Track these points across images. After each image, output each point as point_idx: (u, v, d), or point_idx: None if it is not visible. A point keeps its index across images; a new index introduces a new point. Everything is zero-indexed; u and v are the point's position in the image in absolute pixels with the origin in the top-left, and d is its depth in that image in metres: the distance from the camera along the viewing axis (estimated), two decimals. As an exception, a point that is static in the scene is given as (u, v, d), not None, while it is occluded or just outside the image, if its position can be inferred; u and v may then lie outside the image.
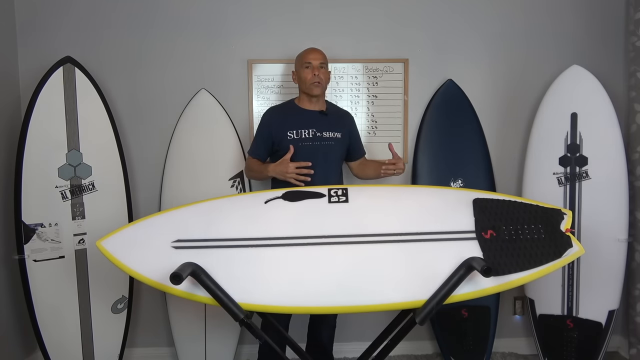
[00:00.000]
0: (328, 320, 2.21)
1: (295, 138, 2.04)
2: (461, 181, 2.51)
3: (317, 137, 2.05)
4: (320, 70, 2.07)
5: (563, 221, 1.64)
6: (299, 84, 2.13)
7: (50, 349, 2.20)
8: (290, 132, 2.05)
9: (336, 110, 2.23)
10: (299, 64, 2.12)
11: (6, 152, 2.33)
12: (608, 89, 2.36)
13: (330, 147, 2.07)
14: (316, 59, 2.08)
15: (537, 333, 2.46)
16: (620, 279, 2.35)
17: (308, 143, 2.04)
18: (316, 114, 2.10)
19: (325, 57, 2.12)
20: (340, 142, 2.11)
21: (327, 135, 2.07)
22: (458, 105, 2.53)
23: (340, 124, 2.15)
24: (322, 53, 2.11)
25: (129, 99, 2.51)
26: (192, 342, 2.44)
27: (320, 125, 2.07)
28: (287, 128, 2.06)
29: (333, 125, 2.11)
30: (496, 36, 2.58)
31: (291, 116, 2.10)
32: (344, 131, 2.14)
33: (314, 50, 2.12)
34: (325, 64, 2.11)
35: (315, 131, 2.06)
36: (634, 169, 2.46)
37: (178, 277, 1.43)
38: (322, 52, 2.12)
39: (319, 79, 2.05)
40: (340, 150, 2.13)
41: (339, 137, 2.11)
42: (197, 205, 1.73)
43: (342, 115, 2.22)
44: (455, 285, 1.52)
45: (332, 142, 2.08)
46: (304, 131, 2.05)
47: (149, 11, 2.50)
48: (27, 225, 2.15)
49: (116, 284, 2.33)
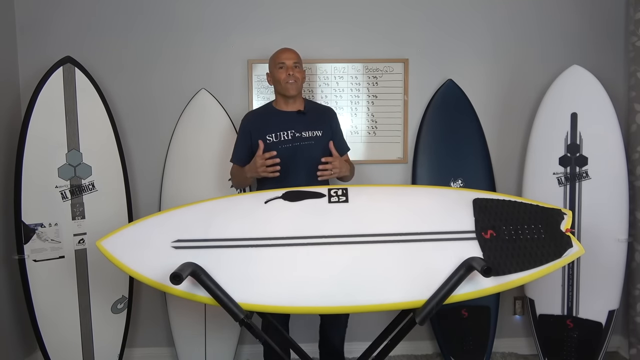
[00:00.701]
0: (339, 321, 2.18)
1: (274, 141, 2.01)
2: (461, 181, 2.51)
3: (297, 137, 2.02)
4: (295, 70, 2.04)
5: (563, 221, 1.63)
6: (274, 85, 2.10)
7: (50, 349, 2.20)
8: (269, 135, 2.02)
9: (315, 108, 2.17)
10: (273, 65, 2.09)
11: (6, 152, 2.33)
12: (608, 89, 2.36)
13: (310, 147, 2.03)
14: (289, 58, 2.05)
15: (537, 333, 2.46)
16: (620, 279, 2.35)
17: (288, 145, 2.01)
18: (294, 114, 2.07)
19: (298, 56, 2.08)
20: (320, 141, 2.05)
21: (306, 135, 2.04)
22: (458, 105, 2.53)
23: (319, 122, 2.10)
24: (295, 52, 2.08)
25: (129, 99, 2.51)
26: (192, 342, 2.44)
27: (299, 126, 2.04)
28: (266, 132, 2.03)
29: (312, 124, 2.06)
30: (496, 36, 2.58)
31: (268, 119, 2.08)
32: (324, 128, 2.09)
33: (286, 50, 2.09)
34: (299, 63, 2.08)
35: (294, 132, 2.03)
36: (634, 169, 2.46)
37: (178, 277, 1.43)
38: (295, 51, 2.09)
39: (294, 78, 2.03)
40: (322, 149, 2.04)
41: (320, 135, 2.06)
42: (197, 205, 1.73)
43: (321, 113, 2.16)
44: (455, 285, 1.52)
45: (312, 141, 2.04)
46: (283, 133, 2.03)
47: (149, 11, 2.50)
48: (27, 225, 2.15)
49: (116, 284, 2.33)
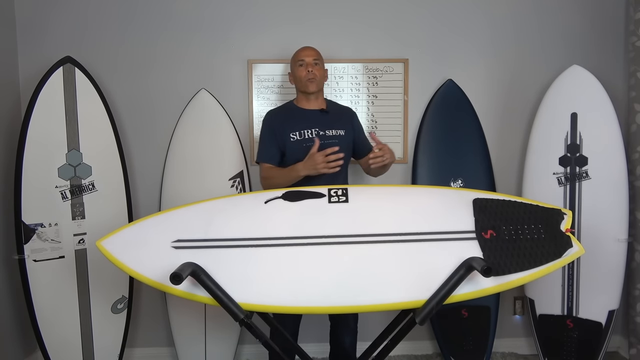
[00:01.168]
0: (348, 326, 2.17)
1: (298, 139, 2.01)
2: (461, 181, 2.50)
3: (320, 136, 2.01)
4: (314, 67, 2.04)
5: (563, 221, 1.63)
6: (295, 83, 2.11)
7: (50, 349, 2.20)
8: (292, 134, 2.01)
9: (337, 107, 2.20)
10: (293, 63, 2.10)
11: (6, 152, 2.33)
12: (608, 89, 2.36)
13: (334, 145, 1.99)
14: (309, 55, 2.06)
15: (537, 333, 2.46)
16: (620, 279, 2.35)
17: (312, 143, 1.98)
18: (317, 112, 2.08)
19: (318, 54, 2.09)
20: (344, 140, 2.07)
21: (330, 134, 2.04)
22: (458, 105, 2.53)
23: (342, 121, 2.11)
24: (315, 50, 2.09)
25: (129, 99, 2.51)
26: (192, 342, 2.44)
27: (323, 124, 2.05)
28: (289, 130, 2.02)
29: (335, 123, 2.08)
30: (496, 36, 2.58)
31: (292, 117, 2.07)
32: (347, 128, 2.10)
33: (306, 48, 2.10)
34: (320, 61, 2.08)
35: (318, 130, 2.03)
36: (634, 169, 2.46)
37: (178, 277, 1.43)
38: (316, 49, 2.10)
39: (312, 75, 2.03)
40: (345, 148, 2.04)
41: (342, 134, 2.07)
42: (197, 205, 1.73)
43: (343, 112, 2.18)
44: (455, 285, 1.52)
45: (336, 140, 2.04)
46: (307, 131, 2.02)
47: (149, 11, 2.50)
48: (27, 225, 2.15)
49: (116, 284, 2.33)
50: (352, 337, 2.18)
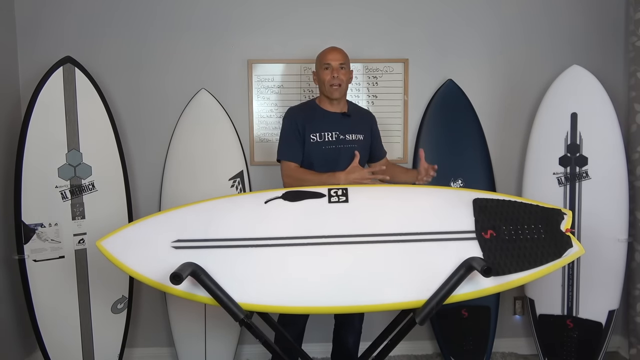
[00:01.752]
0: (353, 325, 2.16)
1: (318, 141, 1.99)
2: (461, 181, 2.51)
3: (340, 139, 2.00)
4: (340, 72, 1.98)
5: (563, 221, 1.63)
6: (319, 85, 2.05)
7: (50, 349, 2.20)
8: (313, 134, 1.99)
9: (358, 111, 2.16)
10: (319, 65, 2.04)
11: (6, 152, 2.33)
12: (608, 89, 2.36)
13: (353, 150, 1.96)
14: (335, 59, 1.99)
15: (537, 333, 2.46)
16: (620, 279, 2.35)
17: (331, 146, 1.99)
18: (338, 116, 2.04)
19: (346, 56, 2.03)
20: (362, 144, 2.05)
21: (350, 138, 2.02)
22: (458, 105, 2.53)
23: (362, 125, 2.09)
24: (342, 53, 2.03)
25: (129, 99, 2.51)
26: (192, 342, 2.44)
27: (343, 128, 2.02)
28: (310, 131, 1.99)
29: (356, 127, 2.05)
30: (496, 36, 2.58)
31: (313, 118, 2.02)
32: (366, 133, 2.08)
33: (333, 49, 2.03)
34: (346, 64, 2.02)
35: (339, 134, 2.00)
36: (634, 169, 2.46)
37: (178, 277, 1.43)
38: (343, 51, 2.04)
39: (338, 81, 1.98)
40: (363, 152, 2.03)
41: (362, 139, 2.05)
42: (197, 205, 1.73)
43: (363, 116, 2.15)
44: (455, 285, 1.52)
45: (355, 144, 2.01)
46: (327, 134, 1.99)
47: (149, 11, 2.50)
48: (27, 225, 2.15)
49: (116, 284, 2.33)
50: (356, 337, 2.19)
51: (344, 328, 2.18)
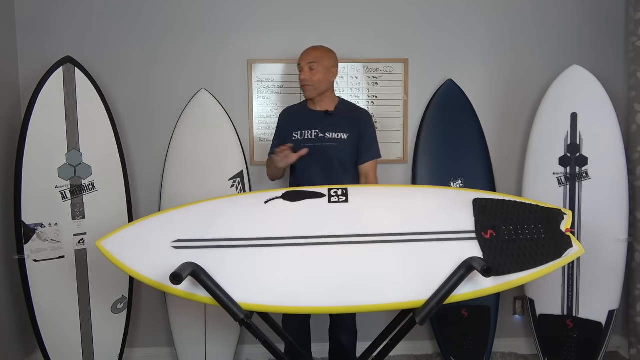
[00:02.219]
0: (343, 323, 2.16)
1: (299, 139, 2.04)
2: (461, 181, 2.50)
3: (319, 137, 2.02)
4: (309, 72, 2.01)
5: (563, 221, 1.63)
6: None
7: (50, 349, 2.20)
8: (295, 132, 2.05)
9: (348, 110, 2.12)
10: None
11: (6, 152, 2.33)
12: (608, 89, 2.36)
13: (332, 149, 2.02)
14: (304, 60, 2.03)
15: (537, 333, 2.46)
16: (620, 279, 2.35)
17: (310, 144, 2.02)
18: (321, 114, 2.07)
19: (317, 54, 2.03)
20: (345, 143, 2.03)
21: (329, 136, 2.03)
22: (458, 105, 2.53)
23: (347, 124, 2.05)
24: (314, 51, 2.04)
25: (129, 99, 2.51)
26: (192, 342, 2.44)
27: (324, 126, 2.04)
28: (293, 129, 2.06)
29: (338, 126, 2.04)
30: (496, 36, 2.58)
31: (297, 117, 2.10)
32: (351, 132, 2.04)
33: (306, 50, 2.06)
34: (318, 63, 2.01)
35: (318, 132, 2.03)
36: (634, 169, 2.46)
37: (178, 277, 1.43)
38: (318, 49, 2.05)
39: (307, 82, 2.01)
40: (344, 152, 2.03)
41: (345, 138, 2.03)
42: (197, 205, 1.73)
43: (352, 115, 2.09)
44: (455, 285, 1.52)
45: (335, 143, 2.02)
46: (307, 132, 2.04)
47: (149, 11, 2.50)
48: (27, 225, 2.15)
49: (116, 284, 2.33)
50: (349, 336, 2.19)
51: (336, 327, 2.19)
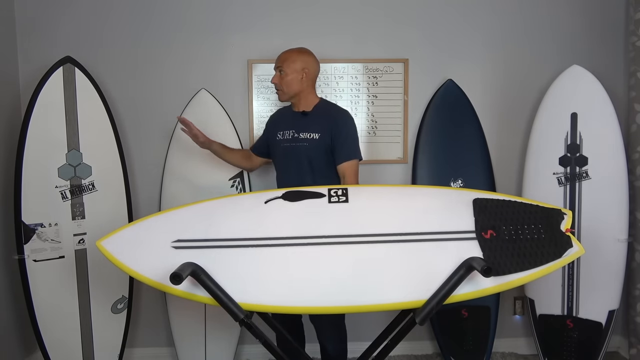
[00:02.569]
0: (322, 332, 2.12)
1: (280, 139, 2.09)
2: (461, 181, 2.50)
3: (294, 138, 2.04)
4: (278, 76, 2.04)
5: (563, 221, 1.63)
6: None
7: (50, 349, 2.20)
8: (279, 133, 2.10)
9: (324, 110, 2.07)
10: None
11: (6, 152, 2.33)
12: (608, 89, 2.36)
13: (304, 148, 2.00)
14: (275, 65, 2.07)
15: (537, 333, 2.46)
16: (620, 279, 2.35)
17: (286, 144, 2.06)
18: (298, 115, 2.08)
19: (285, 57, 2.03)
20: (315, 143, 1.99)
21: (302, 137, 2.02)
22: (458, 105, 2.53)
23: (319, 124, 2.01)
24: (282, 54, 2.05)
25: (129, 99, 2.51)
26: (192, 342, 2.44)
27: (299, 126, 2.04)
28: (278, 129, 2.12)
29: (311, 126, 2.02)
30: (496, 36, 2.58)
31: (282, 118, 2.16)
32: (322, 132, 1.99)
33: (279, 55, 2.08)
34: (284, 66, 2.01)
35: (294, 132, 2.05)
36: (634, 169, 2.46)
37: (178, 277, 1.43)
38: (287, 52, 2.05)
39: (276, 87, 2.07)
40: (315, 152, 2.00)
41: (316, 137, 1.99)
42: (197, 205, 1.73)
43: (326, 115, 2.04)
44: (455, 285, 1.52)
45: (306, 143, 2.00)
46: (287, 132, 2.07)
47: (149, 11, 2.50)
48: (27, 225, 2.15)
49: (116, 284, 2.33)
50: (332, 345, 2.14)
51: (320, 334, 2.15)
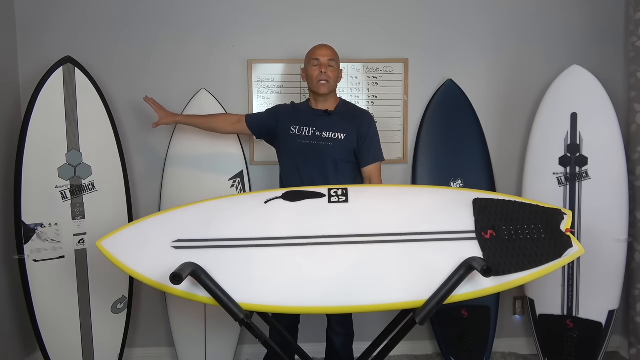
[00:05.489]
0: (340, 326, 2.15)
1: (296, 134, 2.04)
2: (461, 181, 2.51)
3: (316, 136, 2.02)
4: (329, 68, 2.00)
5: (563, 221, 1.63)
6: (308, 82, 2.08)
7: (50, 349, 2.20)
8: (293, 126, 2.05)
9: (348, 110, 2.11)
10: (307, 61, 2.06)
11: (6, 152, 2.33)
12: (608, 89, 2.36)
13: (327, 148, 2.00)
14: (324, 55, 2.01)
15: (537, 333, 2.46)
16: (620, 279, 2.35)
17: (306, 141, 2.02)
18: (320, 113, 2.07)
19: (335, 53, 2.05)
20: (341, 144, 2.01)
21: (326, 136, 2.02)
22: (458, 105, 2.53)
23: (346, 125, 2.03)
24: (331, 50, 2.05)
25: (129, 99, 2.51)
26: (192, 342, 2.44)
27: (321, 125, 2.03)
28: (292, 122, 2.06)
29: (336, 126, 2.03)
30: (496, 36, 2.58)
31: (299, 113, 2.10)
32: (349, 132, 2.02)
33: (323, 46, 2.05)
34: (335, 61, 2.04)
35: (315, 130, 2.03)
36: (634, 169, 2.47)
37: (178, 277, 1.43)
38: (332, 48, 2.06)
39: (326, 77, 1.99)
40: (339, 152, 2.01)
41: (342, 138, 2.01)
42: (197, 205, 1.73)
43: (352, 116, 2.08)
44: (455, 285, 1.52)
45: (331, 143, 2.01)
46: (305, 129, 2.04)
47: (149, 11, 2.50)
48: (27, 225, 2.15)
49: (116, 284, 2.33)
50: (341, 339, 2.16)
51: (329, 329, 2.18)
